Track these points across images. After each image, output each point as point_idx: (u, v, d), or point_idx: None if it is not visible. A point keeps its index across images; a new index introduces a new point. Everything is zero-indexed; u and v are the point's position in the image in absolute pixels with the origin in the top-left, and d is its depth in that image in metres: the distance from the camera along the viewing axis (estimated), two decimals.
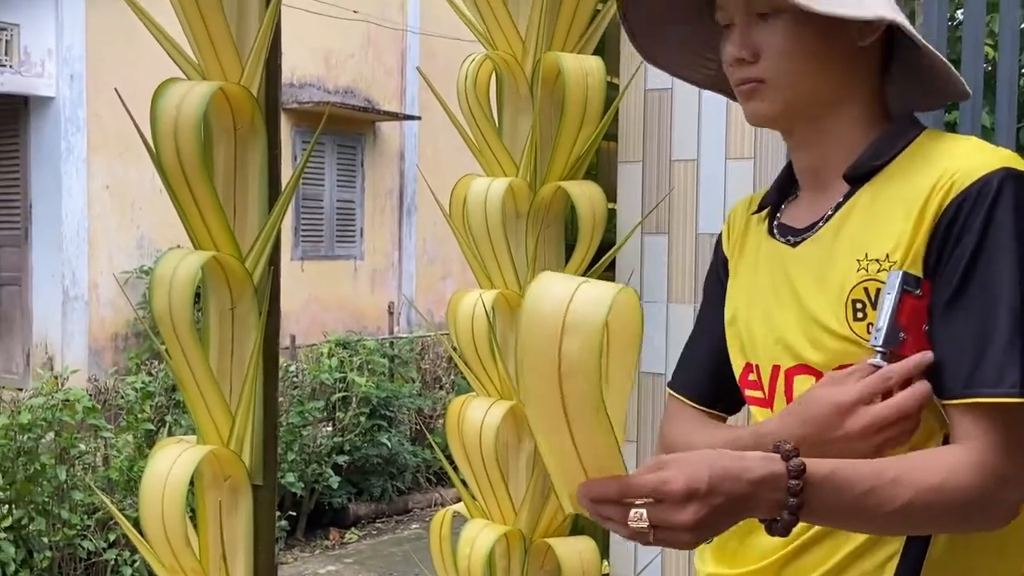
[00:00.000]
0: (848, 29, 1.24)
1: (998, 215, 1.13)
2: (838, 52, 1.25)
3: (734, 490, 1.01)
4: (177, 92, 1.57)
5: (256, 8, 1.65)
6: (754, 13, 1.25)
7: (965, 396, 1.12)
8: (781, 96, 1.26)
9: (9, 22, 8.87)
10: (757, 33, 1.25)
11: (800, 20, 1.22)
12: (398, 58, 12.56)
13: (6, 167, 9.63)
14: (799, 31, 1.23)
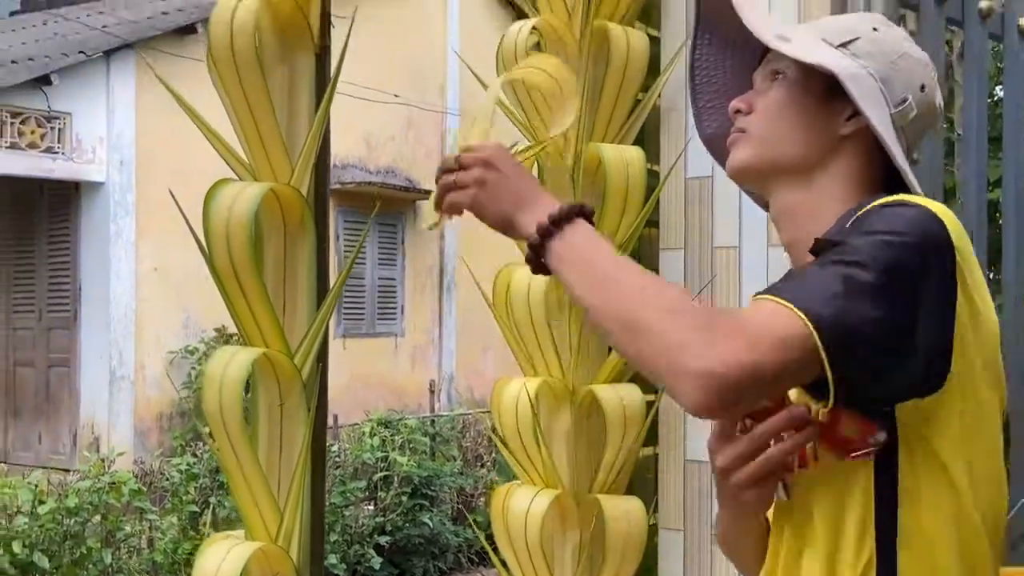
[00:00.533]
0: (839, 111, 1.29)
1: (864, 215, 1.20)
2: (822, 126, 1.30)
3: (519, 177, 1.25)
4: (229, 193, 1.61)
5: (306, 110, 1.69)
6: (769, 76, 1.33)
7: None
8: (757, 148, 1.31)
9: (63, 111, 9.14)
10: (762, 92, 1.33)
11: (796, 85, 1.30)
12: (438, 139, 12.76)
13: (57, 251, 9.84)
14: (792, 93, 1.30)
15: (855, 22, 1.36)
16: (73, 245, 9.70)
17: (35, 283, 10.08)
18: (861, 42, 1.30)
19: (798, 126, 1.29)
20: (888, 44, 1.31)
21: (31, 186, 9.72)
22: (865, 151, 1.30)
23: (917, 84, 1.31)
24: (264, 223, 1.65)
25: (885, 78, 1.28)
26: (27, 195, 9.93)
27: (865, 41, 1.30)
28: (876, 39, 1.31)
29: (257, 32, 1.61)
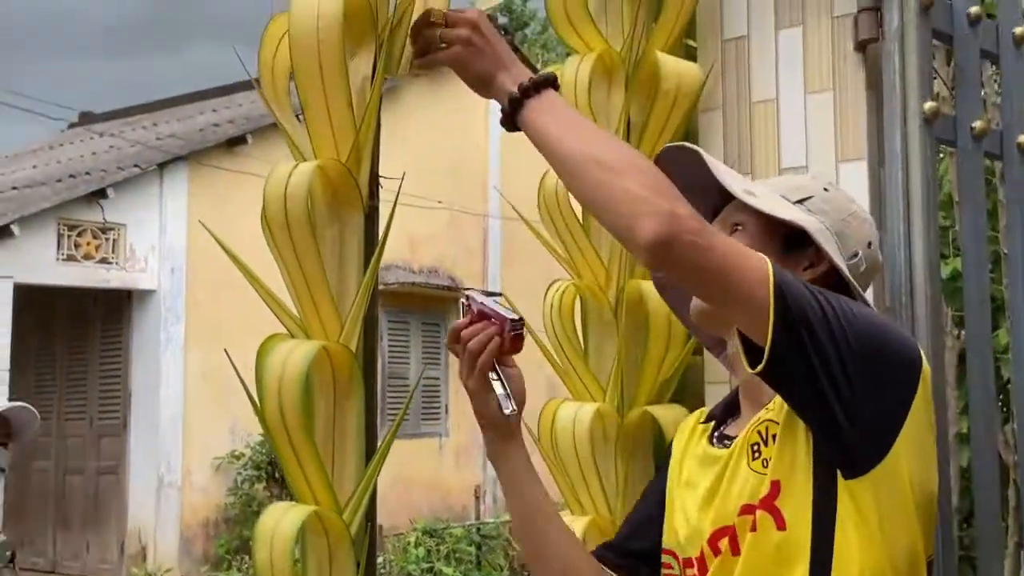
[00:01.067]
0: (798, 259, 1.39)
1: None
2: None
3: (500, 44, 1.39)
4: (281, 351, 1.66)
5: (355, 267, 1.75)
6: (729, 227, 1.42)
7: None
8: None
9: (117, 222, 9.40)
10: None
11: (756, 238, 1.39)
12: (480, 239, 12.91)
13: (109, 359, 10.02)
14: (752, 244, 1.36)
15: (807, 181, 1.48)
16: (124, 352, 9.87)
17: (87, 391, 10.24)
18: (815, 200, 1.42)
19: None
20: (839, 203, 1.44)
21: (86, 296, 9.95)
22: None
23: (865, 241, 1.44)
24: (314, 380, 1.69)
25: (839, 233, 1.40)
26: (82, 305, 10.16)
27: (819, 199, 1.42)
28: (828, 198, 1.44)
29: (309, 196, 1.67)
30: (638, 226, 1.18)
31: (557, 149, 1.30)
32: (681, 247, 1.18)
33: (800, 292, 1.22)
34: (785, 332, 1.19)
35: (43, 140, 15.47)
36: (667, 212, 1.18)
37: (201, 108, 13.44)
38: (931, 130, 1.93)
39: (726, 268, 1.20)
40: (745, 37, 2.25)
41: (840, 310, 1.23)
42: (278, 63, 1.82)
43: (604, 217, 1.26)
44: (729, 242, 1.25)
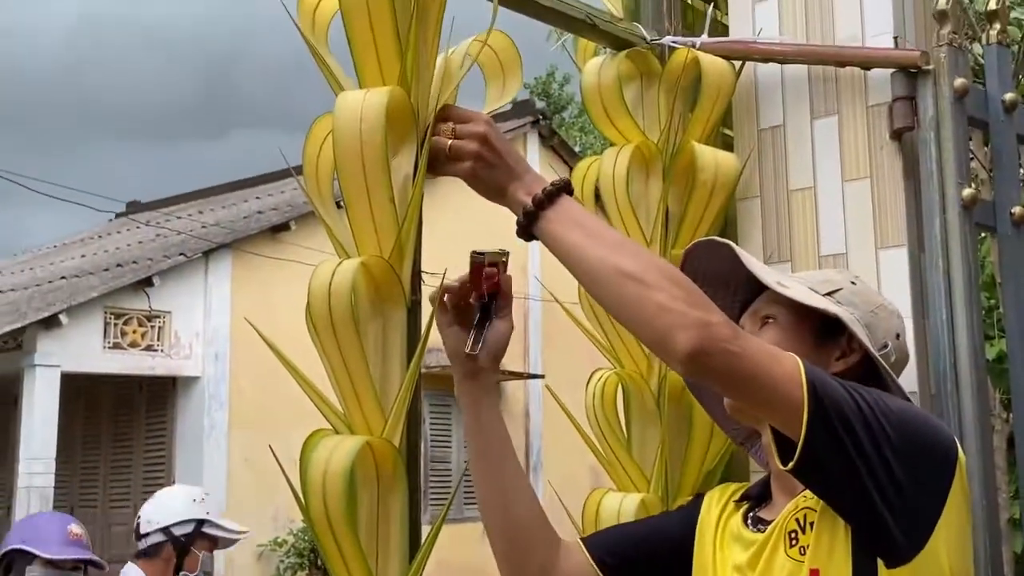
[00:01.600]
0: (830, 349, 1.41)
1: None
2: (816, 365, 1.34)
3: (511, 154, 1.38)
4: (326, 447, 1.67)
5: (398, 362, 1.76)
6: (759, 321, 1.44)
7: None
8: None
9: (163, 310, 9.56)
10: (754, 335, 1.41)
11: (789, 330, 1.41)
12: (521, 323, 12.93)
13: (153, 446, 10.09)
14: (786, 336, 1.40)
15: (834, 275, 1.50)
16: (168, 439, 9.94)
17: (131, 478, 10.30)
18: (844, 292, 1.44)
19: None
20: (867, 295, 1.47)
21: (131, 383, 10.07)
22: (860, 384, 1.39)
23: (893, 333, 1.45)
24: (358, 475, 1.69)
25: (868, 324, 1.42)
26: (127, 392, 10.28)
27: (847, 292, 1.44)
28: (856, 291, 1.46)
29: (353, 292, 1.70)
30: (673, 339, 1.19)
31: (579, 260, 1.29)
32: (717, 356, 1.19)
33: (834, 389, 1.23)
34: (820, 430, 1.20)
35: (92, 230, 15.82)
36: (701, 323, 1.19)
37: (245, 196, 13.72)
38: (970, 216, 1.93)
39: (760, 372, 1.21)
40: (781, 126, 2.28)
41: (875, 404, 1.24)
42: (322, 161, 1.86)
43: (636, 330, 1.26)
44: (761, 345, 1.26)
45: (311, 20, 1.83)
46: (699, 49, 2.31)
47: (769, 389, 1.21)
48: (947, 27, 1.98)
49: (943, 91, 1.96)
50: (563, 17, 2.16)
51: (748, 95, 2.36)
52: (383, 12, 1.71)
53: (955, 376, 1.89)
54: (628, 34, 2.32)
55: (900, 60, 2.03)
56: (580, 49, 2.45)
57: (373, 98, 1.70)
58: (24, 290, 10.66)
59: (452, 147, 1.42)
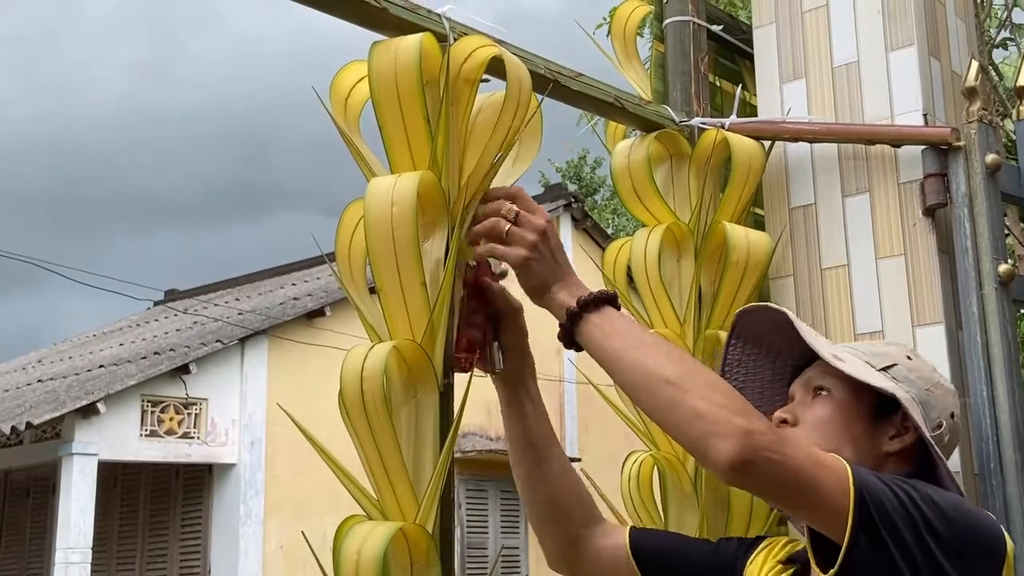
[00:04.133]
0: (885, 428, 1.36)
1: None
2: (868, 444, 1.36)
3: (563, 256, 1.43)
4: (359, 534, 1.66)
5: (431, 446, 1.75)
6: (811, 391, 1.41)
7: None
8: None
9: (199, 397, 9.60)
10: (805, 406, 1.41)
11: (844, 404, 1.37)
12: (556, 405, 12.86)
13: (189, 534, 10.05)
14: (840, 411, 1.36)
15: (891, 349, 1.46)
16: (204, 527, 9.90)
17: (167, 566, 10.25)
18: (900, 368, 1.40)
19: (845, 443, 1.35)
20: (923, 372, 1.42)
21: (167, 471, 10.08)
22: (913, 465, 1.36)
23: (948, 412, 1.41)
24: (392, 562, 1.67)
25: (923, 403, 1.38)
26: (163, 480, 10.28)
27: (903, 367, 1.40)
28: (912, 367, 1.42)
29: (385, 377, 1.70)
30: (713, 447, 1.16)
31: (620, 365, 1.29)
32: (759, 465, 1.16)
33: (881, 493, 1.19)
34: (864, 538, 1.17)
35: (130, 317, 16.02)
36: (742, 431, 1.16)
37: (281, 282, 13.86)
38: (1008, 292, 1.91)
39: (805, 479, 1.18)
40: (812, 205, 2.28)
41: (924, 502, 1.20)
42: (354, 246, 1.88)
43: (676, 436, 1.24)
44: (807, 451, 1.22)
45: (343, 107, 1.86)
46: (728, 129, 2.32)
47: (814, 496, 1.18)
48: (977, 103, 1.98)
49: (975, 167, 1.96)
50: (592, 101, 2.19)
51: (778, 174, 2.36)
52: (413, 97, 1.74)
53: (999, 455, 1.84)
54: (657, 116, 2.34)
55: (931, 137, 2.03)
56: (610, 132, 2.47)
57: (404, 183, 1.72)
58: (63, 379, 10.76)
59: (511, 232, 1.44)
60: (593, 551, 1.56)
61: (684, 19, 2.47)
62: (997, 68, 5.69)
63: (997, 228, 1.95)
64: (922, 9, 2.19)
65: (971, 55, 2.29)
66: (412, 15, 1.80)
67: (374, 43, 1.79)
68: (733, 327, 1.51)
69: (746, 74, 2.61)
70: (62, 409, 8.76)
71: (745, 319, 1.49)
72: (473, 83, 1.83)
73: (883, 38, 2.18)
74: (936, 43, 2.22)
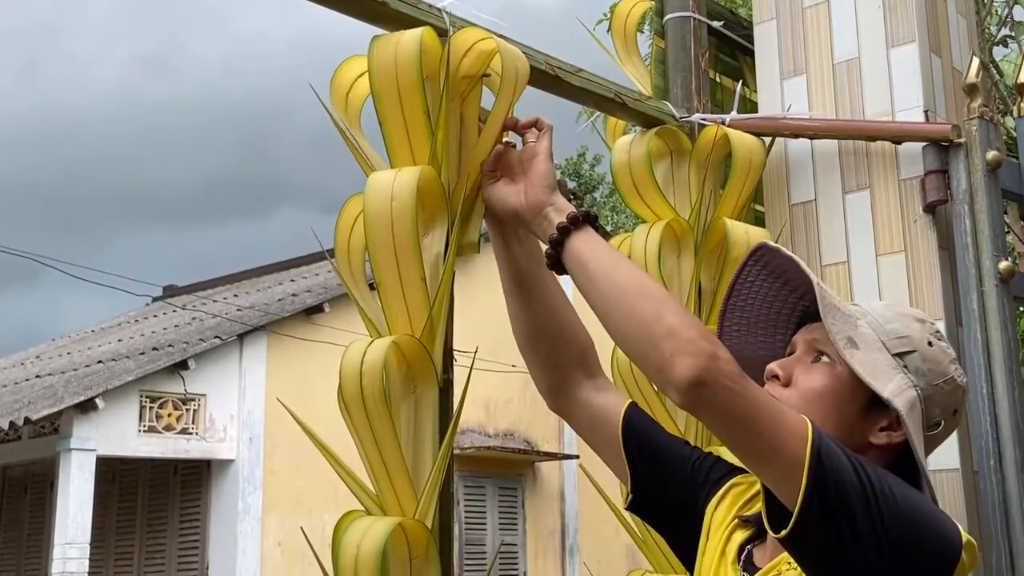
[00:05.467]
0: (877, 418, 1.28)
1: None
2: (856, 429, 1.29)
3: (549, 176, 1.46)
4: (358, 529, 1.65)
5: (430, 441, 1.75)
6: (813, 352, 1.32)
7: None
8: None
9: (197, 393, 9.58)
10: (803, 368, 1.32)
11: (842, 383, 1.29)
12: None
13: (188, 530, 10.04)
14: (836, 388, 1.28)
15: (914, 330, 1.33)
16: (202, 523, 9.89)
17: (165, 563, 10.24)
18: (916, 356, 1.30)
19: (832, 423, 1.27)
20: (939, 364, 1.31)
21: (165, 466, 10.07)
22: (891, 459, 1.28)
23: (951, 409, 1.32)
24: (390, 558, 1.67)
25: (927, 398, 1.29)
26: (161, 476, 10.27)
27: (919, 357, 1.30)
28: (929, 356, 1.31)
29: (384, 372, 1.70)
30: (675, 363, 1.15)
31: (602, 278, 1.30)
32: (716, 391, 1.14)
33: (840, 462, 1.15)
34: (818, 500, 1.12)
35: (128, 313, 16.01)
36: (707, 353, 1.15)
37: (280, 278, 13.84)
38: (1008, 289, 1.91)
39: (761, 420, 1.15)
40: (812, 201, 2.28)
41: (881, 488, 1.15)
42: (354, 241, 1.88)
43: (640, 348, 1.22)
44: (767, 396, 1.19)
45: (344, 101, 1.86)
46: (728, 126, 2.32)
47: (768, 442, 1.14)
48: (978, 100, 1.98)
49: (976, 164, 1.95)
50: (593, 96, 2.18)
51: (779, 170, 2.36)
52: (413, 92, 1.73)
53: (998, 452, 1.84)
54: (657, 112, 2.34)
55: (931, 134, 2.03)
56: (610, 128, 2.47)
57: (404, 178, 1.71)
58: (61, 374, 10.75)
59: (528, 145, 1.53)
60: (583, 398, 1.54)
61: (684, 15, 2.47)
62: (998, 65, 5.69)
63: (997, 225, 1.95)
64: (923, 5, 2.18)
65: (972, 52, 2.29)
66: (412, 9, 1.80)
67: (374, 37, 1.79)
68: (755, 250, 1.40)
69: (746, 70, 2.61)
70: (60, 405, 8.75)
71: (770, 251, 1.39)
72: (474, 78, 1.83)
73: (884, 34, 2.17)
74: (937, 40, 2.22)
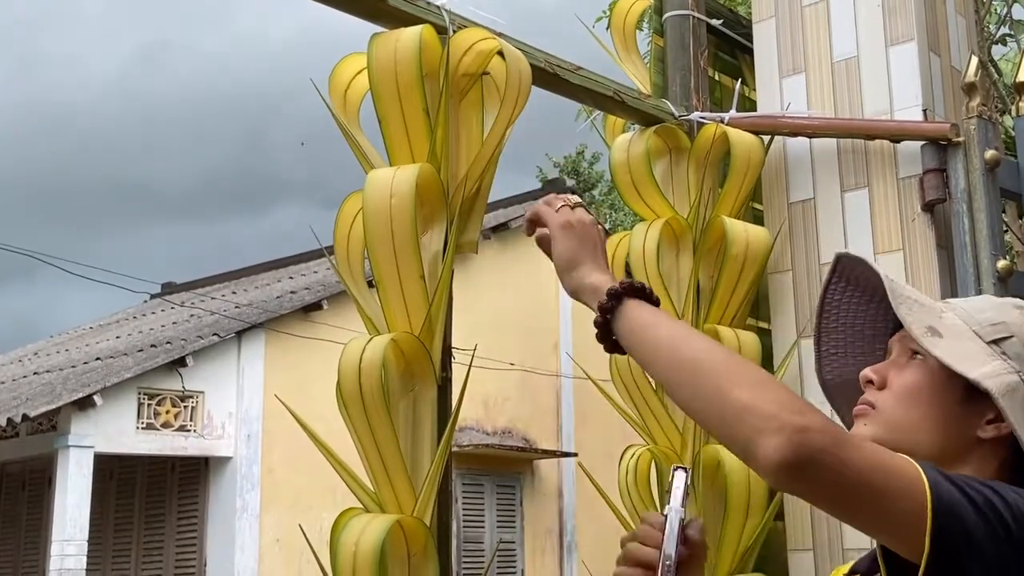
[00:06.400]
0: (982, 409, 1.20)
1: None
2: (960, 424, 1.22)
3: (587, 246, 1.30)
4: (356, 526, 1.66)
5: (429, 439, 1.75)
6: (907, 352, 1.26)
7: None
8: (885, 431, 1.23)
9: (196, 390, 9.57)
10: (896, 369, 1.26)
11: (937, 376, 1.21)
12: (553, 400, 12.84)
13: (185, 527, 10.03)
14: (932, 383, 1.22)
15: (1010, 315, 1.26)
16: (200, 520, 9.88)
17: (163, 560, 10.23)
18: (1015, 342, 1.22)
19: (933, 419, 1.21)
20: None
21: (163, 464, 10.06)
22: (1006, 455, 1.21)
23: None
24: (389, 554, 1.67)
25: None
26: (159, 473, 10.26)
27: (1019, 341, 1.22)
28: None
29: (383, 369, 1.70)
30: (761, 445, 1.02)
31: (660, 354, 1.16)
32: (813, 468, 1.02)
33: (959, 504, 1.06)
34: (942, 555, 1.05)
35: (127, 310, 15.99)
36: (794, 428, 1.02)
37: (278, 276, 13.83)
38: (1006, 287, 1.91)
39: (869, 486, 1.05)
40: (811, 200, 2.27)
41: (1005, 508, 1.07)
42: (353, 239, 1.88)
43: (720, 434, 1.10)
44: (871, 454, 1.07)
45: (343, 99, 1.86)
46: (727, 124, 2.32)
47: (880, 507, 1.05)
48: (976, 99, 1.97)
49: (974, 163, 1.95)
50: (592, 94, 2.18)
51: (777, 169, 2.36)
52: (413, 90, 1.73)
53: None
54: (656, 110, 2.34)
55: (930, 132, 2.03)
56: (609, 126, 2.47)
57: (403, 175, 1.71)
58: (59, 371, 10.74)
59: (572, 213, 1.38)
60: None
61: (684, 13, 2.47)
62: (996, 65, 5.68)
63: (996, 224, 1.95)
64: (922, 5, 2.18)
65: (971, 51, 2.29)
66: (411, 7, 1.80)
67: (373, 35, 1.79)
68: (833, 267, 1.34)
69: (745, 69, 2.61)
70: (58, 401, 8.74)
71: (846, 260, 1.32)
72: (473, 76, 1.83)
73: (883, 33, 2.17)
74: (936, 39, 2.22)
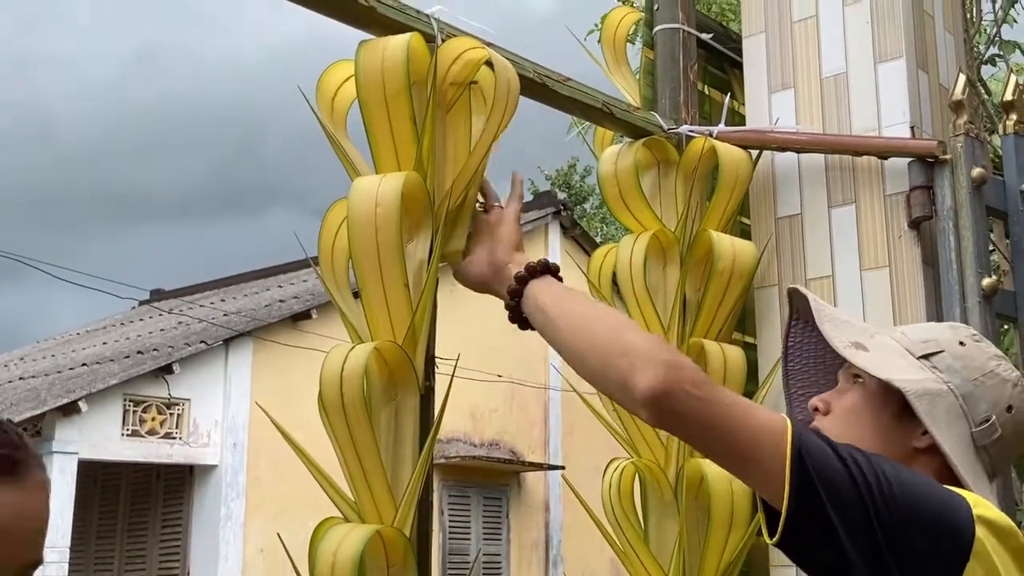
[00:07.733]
0: (916, 424, 1.25)
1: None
2: (897, 437, 1.27)
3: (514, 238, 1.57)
4: (335, 536, 1.64)
5: (410, 448, 1.74)
6: (851, 378, 1.32)
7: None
8: None
9: (182, 398, 9.54)
10: (840, 393, 1.33)
11: (873, 395, 1.28)
12: (541, 412, 12.84)
13: (169, 535, 9.98)
14: (868, 401, 1.28)
15: (943, 334, 1.32)
16: (184, 529, 9.83)
17: (146, 568, 10.18)
18: (945, 356, 1.28)
19: (871, 435, 1.26)
20: (975, 360, 1.29)
21: (148, 471, 10.02)
22: (941, 464, 1.25)
23: (1004, 405, 1.27)
24: (368, 566, 1.66)
25: (967, 395, 1.26)
26: (144, 480, 10.22)
27: (949, 355, 1.28)
28: (962, 354, 1.29)
29: (365, 378, 1.69)
30: (635, 377, 1.14)
31: (562, 314, 1.34)
32: (680, 398, 1.12)
33: (824, 454, 1.11)
34: (805, 502, 1.08)
35: (114, 316, 15.93)
36: (665, 362, 1.14)
37: (267, 284, 13.81)
38: (991, 306, 1.91)
39: (734, 425, 1.12)
40: (798, 215, 2.28)
41: (873, 472, 1.11)
42: (337, 247, 1.87)
43: (604, 373, 1.22)
44: (738, 399, 1.17)
45: (330, 106, 1.85)
46: (716, 138, 2.32)
47: (744, 446, 1.12)
48: (964, 117, 1.98)
49: (961, 181, 1.96)
50: (580, 106, 2.18)
51: (765, 184, 2.36)
52: (400, 98, 1.73)
53: None
54: (645, 123, 2.34)
55: (917, 149, 2.03)
56: (598, 138, 2.47)
57: (388, 183, 1.71)
58: (45, 376, 10.69)
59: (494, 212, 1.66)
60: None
61: (674, 27, 2.47)
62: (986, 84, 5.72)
63: (982, 242, 1.95)
64: (911, 22, 2.19)
65: (959, 69, 2.30)
66: (400, 15, 1.79)
67: (361, 42, 1.78)
68: (790, 308, 1.42)
69: (735, 83, 2.61)
70: (43, 407, 8.69)
71: (796, 297, 1.40)
72: (461, 85, 1.82)
73: (872, 50, 2.18)
74: (925, 56, 2.22)
